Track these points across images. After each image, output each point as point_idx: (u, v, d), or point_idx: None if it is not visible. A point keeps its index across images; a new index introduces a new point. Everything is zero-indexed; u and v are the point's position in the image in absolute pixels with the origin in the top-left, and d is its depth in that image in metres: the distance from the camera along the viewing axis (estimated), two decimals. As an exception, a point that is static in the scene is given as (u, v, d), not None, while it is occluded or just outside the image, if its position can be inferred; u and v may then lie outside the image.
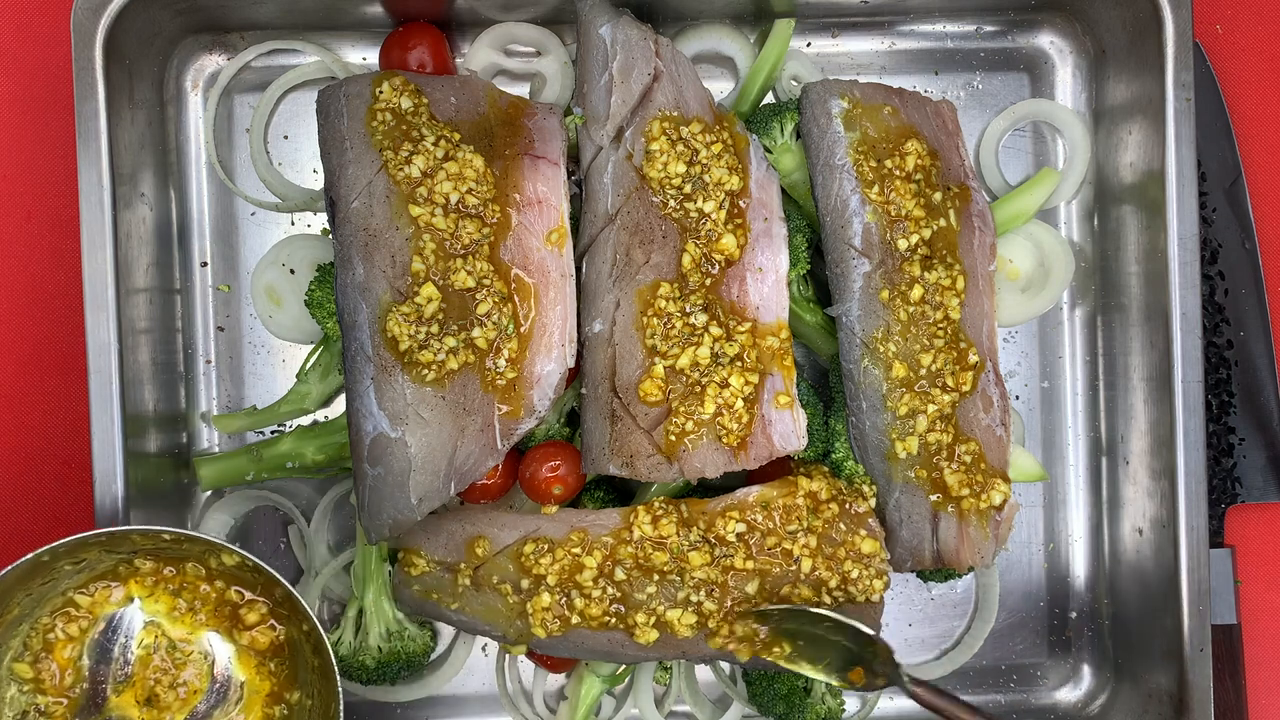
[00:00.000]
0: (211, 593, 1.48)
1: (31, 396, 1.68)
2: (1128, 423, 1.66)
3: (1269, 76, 1.75)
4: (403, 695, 1.67)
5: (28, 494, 1.68)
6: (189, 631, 1.48)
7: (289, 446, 1.62)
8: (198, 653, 1.47)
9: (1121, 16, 1.61)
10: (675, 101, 1.55)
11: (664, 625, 1.49)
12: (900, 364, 1.53)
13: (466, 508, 1.57)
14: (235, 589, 1.48)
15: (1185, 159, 1.55)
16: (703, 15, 1.66)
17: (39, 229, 1.68)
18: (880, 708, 1.72)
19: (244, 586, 1.48)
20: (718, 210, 1.51)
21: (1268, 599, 1.75)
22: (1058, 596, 1.73)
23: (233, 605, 1.47)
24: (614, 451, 1.49)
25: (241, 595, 1.47)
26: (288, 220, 1.69)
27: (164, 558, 1.47)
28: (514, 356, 1.47)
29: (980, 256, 1.59)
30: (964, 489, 1.54)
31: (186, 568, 1.47)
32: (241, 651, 1.48)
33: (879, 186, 1.53)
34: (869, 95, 1.58)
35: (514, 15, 1.64)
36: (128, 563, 1.48)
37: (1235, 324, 1.71)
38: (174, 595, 1.48)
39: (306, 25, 1.65)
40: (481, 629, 1.52)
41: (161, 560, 1.47)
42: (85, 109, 1.50)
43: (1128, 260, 1.64)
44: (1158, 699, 1.62)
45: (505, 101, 1.55)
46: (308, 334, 1.65)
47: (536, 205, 1.51)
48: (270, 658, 1.47)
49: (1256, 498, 1.72)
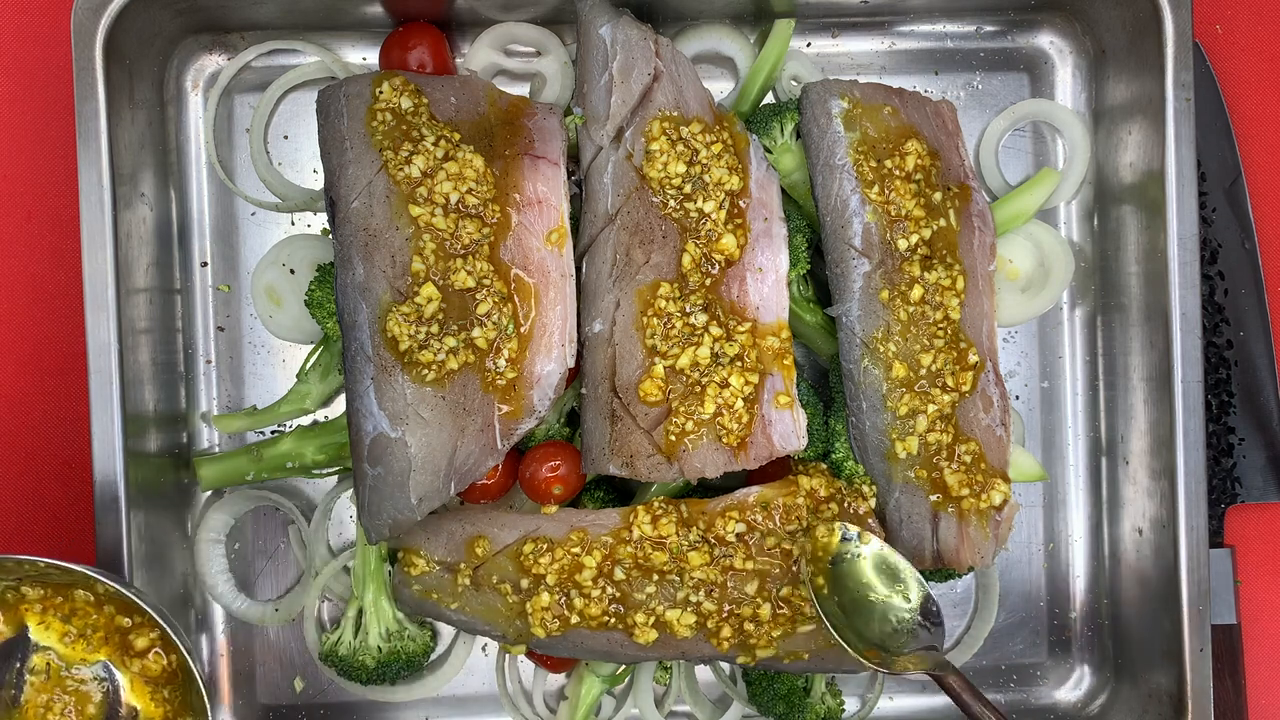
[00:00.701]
0: (101, 619, 1.44)
1: (31, 396, 1.68)
2: (1128, 423, 1.67)
3: (1269, 76, 1.75)
4: (403, 695, 1.67)
5: (28, 494, 1.68)
6: (82, 658, 1.44)
7: (289, 446, 1.62)
8: (92, 680, 1.44)
9: (1121, 16, 1.61)
10: (675, 101, 1.55)
11: (663, 625, 1.49)
12: (900, 364, 1.53)
13: (466, 508, 1.57)
14: (124, 616, 1.44)
15: (1185, 159, 1.55)
16: (703, 15, 1.66)
17: (39, 229, 1.68)
18: (880, 708, 1.72)
19: (133, 614, 1.45)
20: (718, 210, 1.51)
21: (1268, 599, 1.75)
22: (1058, 596, 1.73)
23: (123, 631, 1.44)
24: (614, 451, 1.49)
25: (130, 621, 1.43)
26: (288, 220, 1.69)
27: (50, 584, 1.43)
28: (514, 356, 1.47)
29: (980, 256, 1.59)
30: (964, 489, 1.54)
31: (75, 594, 1.43)
32: (134, 679, 1.44)
33: (879, 186, 1.54)
34: (869, 95, 1.58)
35: (514, 15, 1.64)
36: (15, 589, 1.44)
37: (1235, 324, 1.71)
38: (64, 622, 1.43)
39: (306, 25, 1.65)
40: (481, 629, 1.53)
41: (49, 587, 1.43)
42: (85, 109, 1.50)
43: (1128, 260, 1.64)
44: (1158, 699, 1.62)
45: (505, 101, 1.55)
46: (308, 334, 1.65)
47: (536, 205, 1.51)
48: (163, 685, 1.44)
49: (1256, 498, 1.72)
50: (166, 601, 1.61)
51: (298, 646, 1.69)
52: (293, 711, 1.69)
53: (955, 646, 1.73)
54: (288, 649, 1.69)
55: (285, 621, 1.67)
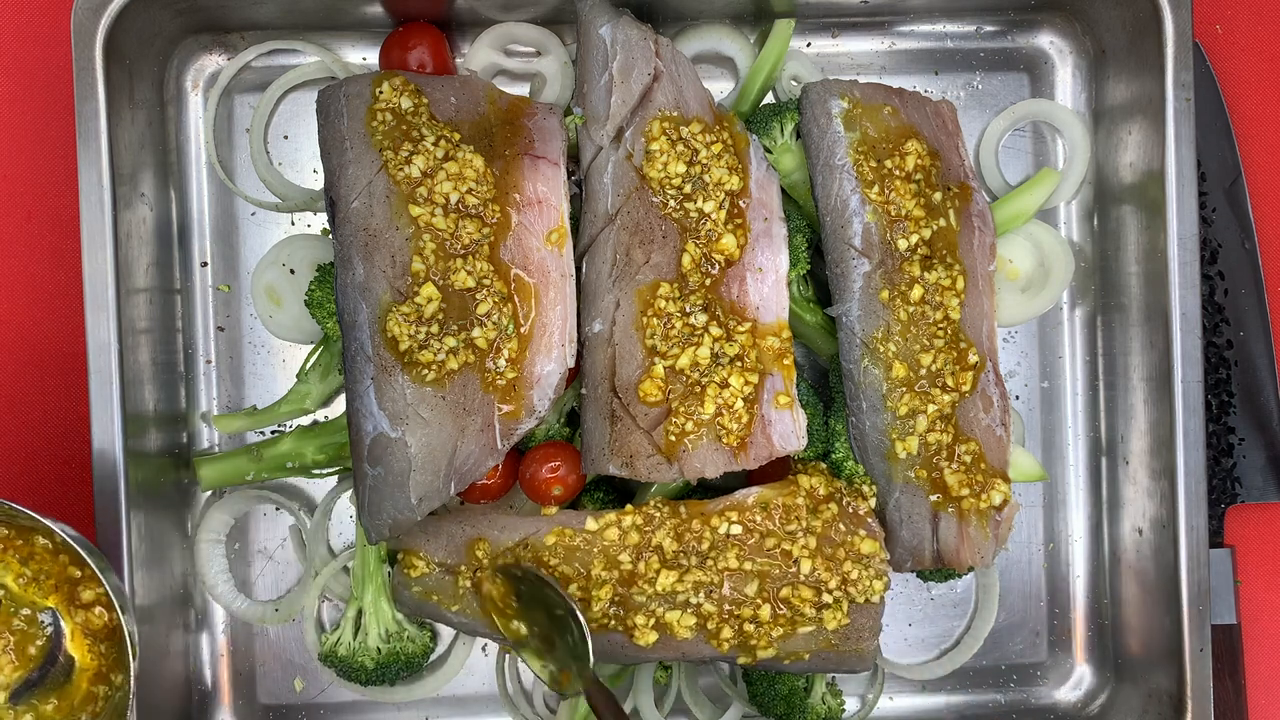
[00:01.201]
0: (55, 567, 1.45)
1: (31, 396, 1.68)
2: (1128, 423, 1.67)
3: (1269, 76, 1.75)
4: (402, 695, 1.67)
5: (28, 494, 1.68)
6: (33, 601, 1.45)
7: (289, 446, 1.62)
8: (37, 625, 1.46)
9: (1121, 16, 1.61)
10: (675, 101, 1.55)
11: (663, 627, 1.49)
12: (900, 364, 1.53)
13: (466, 509, 1.57)
14: (76, 568, 1.46)
15: (1185, 159, 1.55)
16: (703, 15, 1.66)
17: (39, 229, 1.68)
18: (880, 708, 1.72)
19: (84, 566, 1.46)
20: (718, 210, 1.51)
21: (1268, 599, 1.75)
22: (1058, 596, 1.73)
23: (73, 582, 1.45)
24: (614, 451, 1.49)
25: (80, 571, 1.45)
26: (288, 220, 1.69)
27: (15, 526, 1.45)
28: (514, 356, 1.47)
29: (980, 256, 1.59)
30: (964, 489, 1.54)
31: (36, 539, 1.45)
32: (76, 630, 1.45)
33: (879, 186, 1.54)
34: (869, 95, 1.58)
35: (514, 15, 1.64)
36: None
37: (1235, 324, 1.71)
38: (22, 564, 1.45)
39: (306, 25, 1.65)
40: (482, 630, 1.52)
41: (14, 528, 1.45)
42: (85, 109, 1.50)
43: (1128, 260, 1.64)
44: (1158, 699, 1.62)
45: (505, 101, 1.55)
46: (308, 334, 1.65)
47: (536, 205, 1.51)
48: (103, 639, 1.45)
49: (1256, 498, 1.72)
50: (166, 601, 1.61)
51: (298, 646, 1.69)
52: (293, 711, 1.69)
53: (955, 647, 1.73)
54: (288, 649, 1.69)
55: (285, 621, 1.67)
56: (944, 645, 1.73)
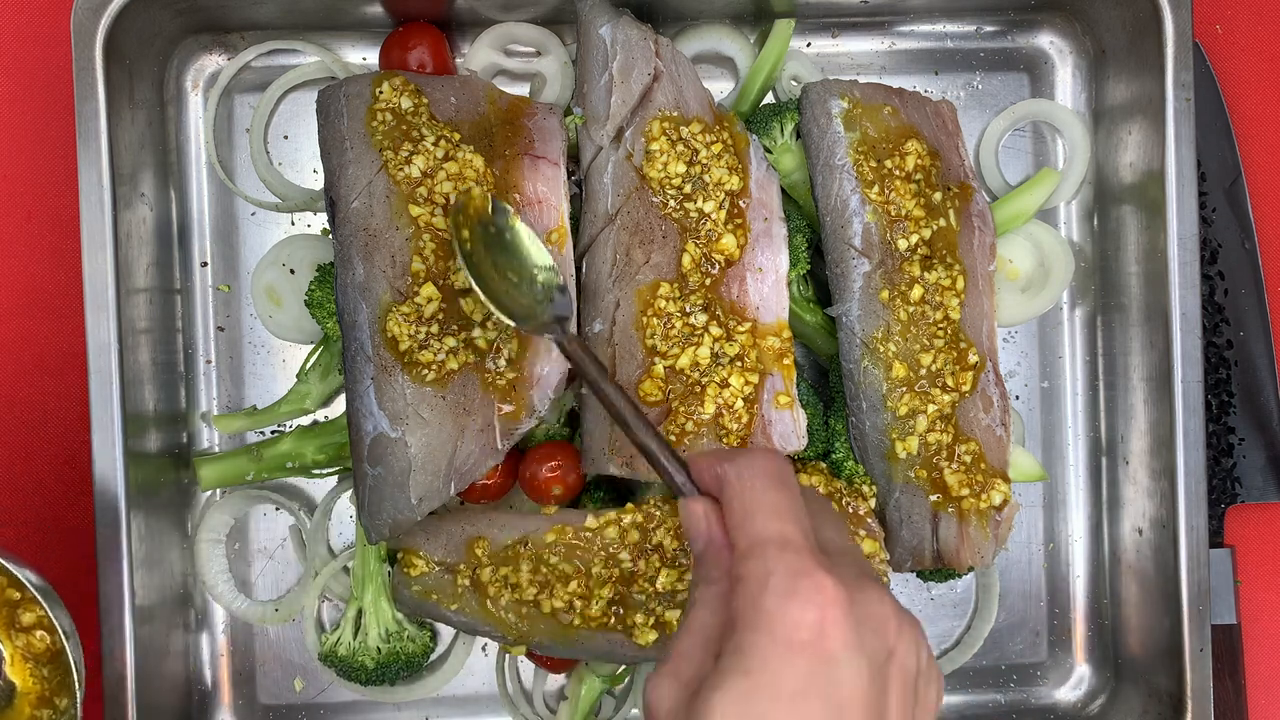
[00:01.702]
0: None
1: (31, 396, 1.68)
2: (1128, 423, 1.67)
3: (1269, 76, 1.75)
4: (403, 695, 1.67)
5: (28, 494, 1.68)
6: None
7: (289, 446, 1.62)
8: None
9: (1121, 16, 1.61)
10: (675, 101, 1.55)
11: (663, 626, 1.49)
12: (900, 364, 1.53)
13: (466, 508, 1.57)
14: (15, 590, 1.43)
15: (1185, 159, 1.55)
16: (703, 15, 1.66)
17: (39, 229, 1.68)
18: (880, 708, 1.72)
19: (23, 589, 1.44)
20: (718, 210, 1.51)
21: (1268, 599, 1.75)
22: (1058, 596, 1.73)
23: (12, 605, 1.43)
24: (614, 451, 1.49)
25: (20, 594, 1.42)
26: (288, 220, 1.69)
27: None
28: (514, 357, 1.47)
29: (980, 256, 1.59)
30: (964, 489, 1.54)
31: None
32: (16, 654, 1.44)
33: (879, 186, 1.54)
34: (869, 95, 1.58)
35: (514, 15, 1.64)
36: None
37: (1235, 324, 1.71)
38: None
39: (306, 25, 1.65)
40: (481, 630, 1.52)
41: None
42: (85, 109, 1.50)
43: (1128, 260, 1.64)
44: (1158, 699, 1.62)
45: (505, 101, 1.55)
46: (308, 334, 1.65)
47: (536, 205, 1.51)
48: (45, 663, 1.43)
49: (1256, 498, 1.72)
50: (167, 601, 1.61)
51: (298, 646, 1.69)
52: (293, 711, 1.69)
53: (955, 647, 1.73)
54: (288, 649, 1.69)
55: (285, 621, 1.67)
56: (944, 645, 1.73)
